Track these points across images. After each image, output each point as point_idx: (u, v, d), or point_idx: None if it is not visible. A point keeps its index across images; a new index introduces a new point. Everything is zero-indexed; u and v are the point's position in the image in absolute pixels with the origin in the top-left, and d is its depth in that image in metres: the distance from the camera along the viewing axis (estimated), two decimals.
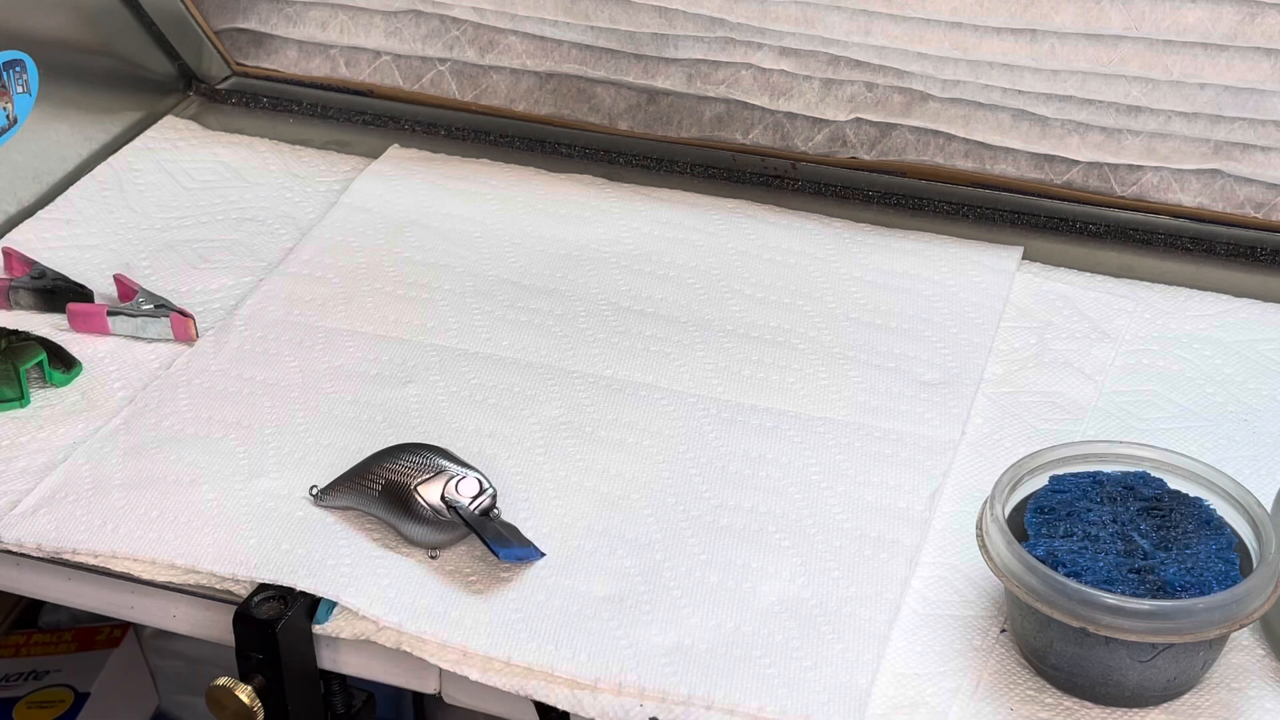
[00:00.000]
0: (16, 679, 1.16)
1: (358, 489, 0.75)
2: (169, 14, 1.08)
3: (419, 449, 0.76)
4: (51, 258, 0.94)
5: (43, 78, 0.97)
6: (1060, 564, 0.67)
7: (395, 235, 0.97)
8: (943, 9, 0.92)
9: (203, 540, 0.75)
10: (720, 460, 0.80)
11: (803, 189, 1.02)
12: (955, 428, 0.82)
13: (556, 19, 1.02)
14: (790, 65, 0.99)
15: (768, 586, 0.73)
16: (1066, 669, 0.67)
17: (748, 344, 0.88)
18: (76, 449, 0.81)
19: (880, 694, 0.68)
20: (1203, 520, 0.69)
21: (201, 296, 0.92)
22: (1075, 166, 0.98)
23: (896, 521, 0.76)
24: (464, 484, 0.74)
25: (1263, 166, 0.94)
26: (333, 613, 0.72)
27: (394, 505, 0.74)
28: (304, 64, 1.11)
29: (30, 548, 0.76)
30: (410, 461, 0.75)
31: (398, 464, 0.75)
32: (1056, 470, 0.72)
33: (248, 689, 0.71)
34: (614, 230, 0.97)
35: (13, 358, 0.84)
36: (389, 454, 0.76)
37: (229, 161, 1.05)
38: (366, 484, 0.75)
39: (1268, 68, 0.89)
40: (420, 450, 0.76)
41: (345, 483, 0.76)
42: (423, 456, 0.75)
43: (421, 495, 0.73)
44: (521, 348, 0.88)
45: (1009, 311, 0.90)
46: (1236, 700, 0.68)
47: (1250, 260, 0.95)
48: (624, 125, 1.05)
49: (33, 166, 1.00)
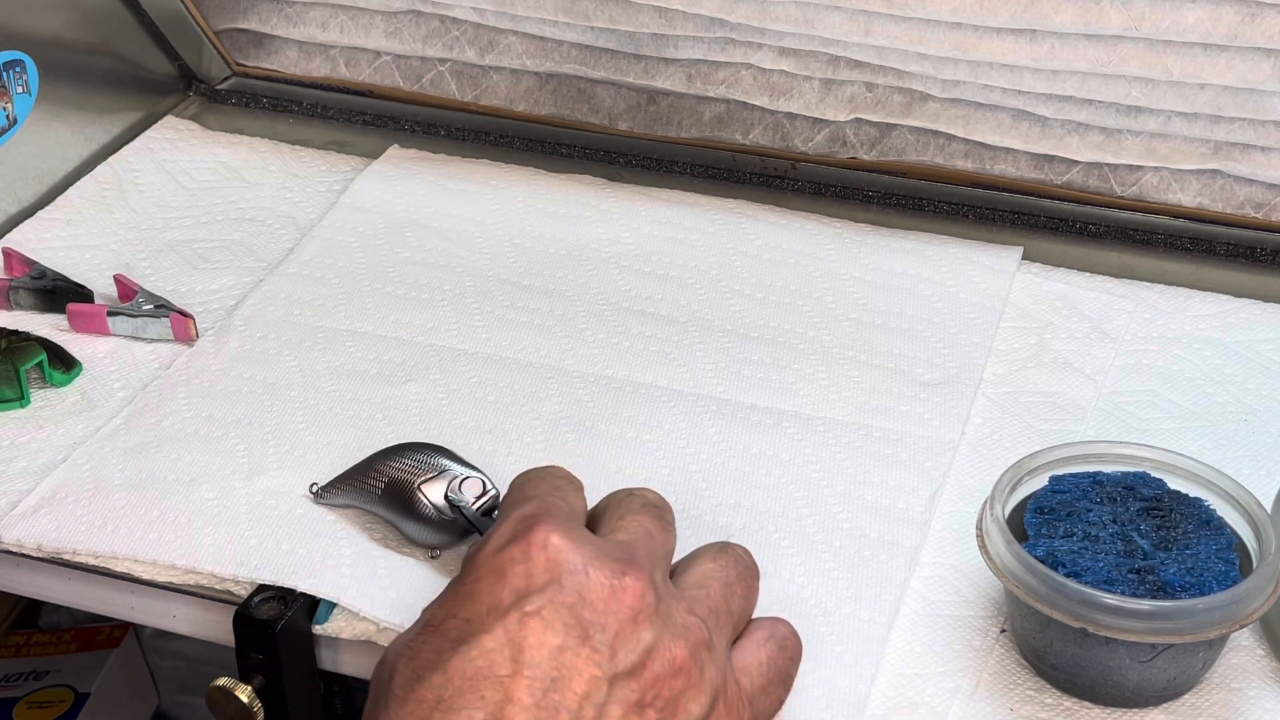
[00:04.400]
0: (16, 679, 1.16)
1: (359, 487, 0.75)
2: (169, 14, 1.08)
3: (422, 448, 0.75)
4: (51, 258, 0.94)
5: (43, 78, 0.97)
6: (1060, 564, 0.67)
7: (395, 235, 0.97)
8: (943, 9, 0.92)
9: (203, 540, 0.75)
10: (720, 457, 0.80)
11: (802, 189, 1.02)
12: (955, 428, 0.82)
13: (556, 19, 1.02)
14: (790, 65, 0.99)
15: (767, 586, 0.72)
16: (1066, 669, 0.67)
17: (748, 344, 0.88)
18: (76, 449, 0.81)
19: (879, 694, 0.68)
20: (1203, 520, 0.69)
21: (201, 296, 0.92)
22: (1075, 167, 0.98)
23: (896, 522, 0.76)
24: (467, 484, 0.73)
25: (1263, 166, 0.94)
26: (333, 613, 0.72)
27: (396, 504, 0.74)
28: (304, 64, 1.11)
29: (30, 548, 0.76)
30: (413, 460, 0.74)
31: (400, 463, 0.74)
32: (1056, 470, 0.72)
33: (248, 689, 0.71)
34: (614, 230, 0.97)
35: (13, 358, 0.84)
36: (391, 453, 0.75)
37: (229, 161, 1.05)
38: (368, 482, 0.75)
39: (1268, 68, 0.89)
40: (423, 449, 0.75)
41: (346, 481, 0.76)
42: (426, 456, 0.75)
43: (424, 494, 0.73)
44: (521, 348, 0.88)
45: (1009, 311, 0.90)
46: (1236, 700, 0.68)
47: (1250, 260, 0.95)
48: (624, 125, 1.05)
49: (33, 166, 1.00)
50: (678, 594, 0.62)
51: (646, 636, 0.59)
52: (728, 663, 0.62)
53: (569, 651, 0.57)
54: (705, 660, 0.60)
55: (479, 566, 0.60)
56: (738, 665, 0.63)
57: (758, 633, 0.65)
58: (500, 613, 0.58)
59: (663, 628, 0.59)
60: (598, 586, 0.59)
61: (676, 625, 0.60)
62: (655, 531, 0.65)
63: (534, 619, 0.57)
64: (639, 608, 0.59)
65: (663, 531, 0.65)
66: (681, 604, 0.61)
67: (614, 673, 0.58)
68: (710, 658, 0.60)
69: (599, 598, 0.59)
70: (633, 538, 0.63)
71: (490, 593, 0.59)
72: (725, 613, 0.63)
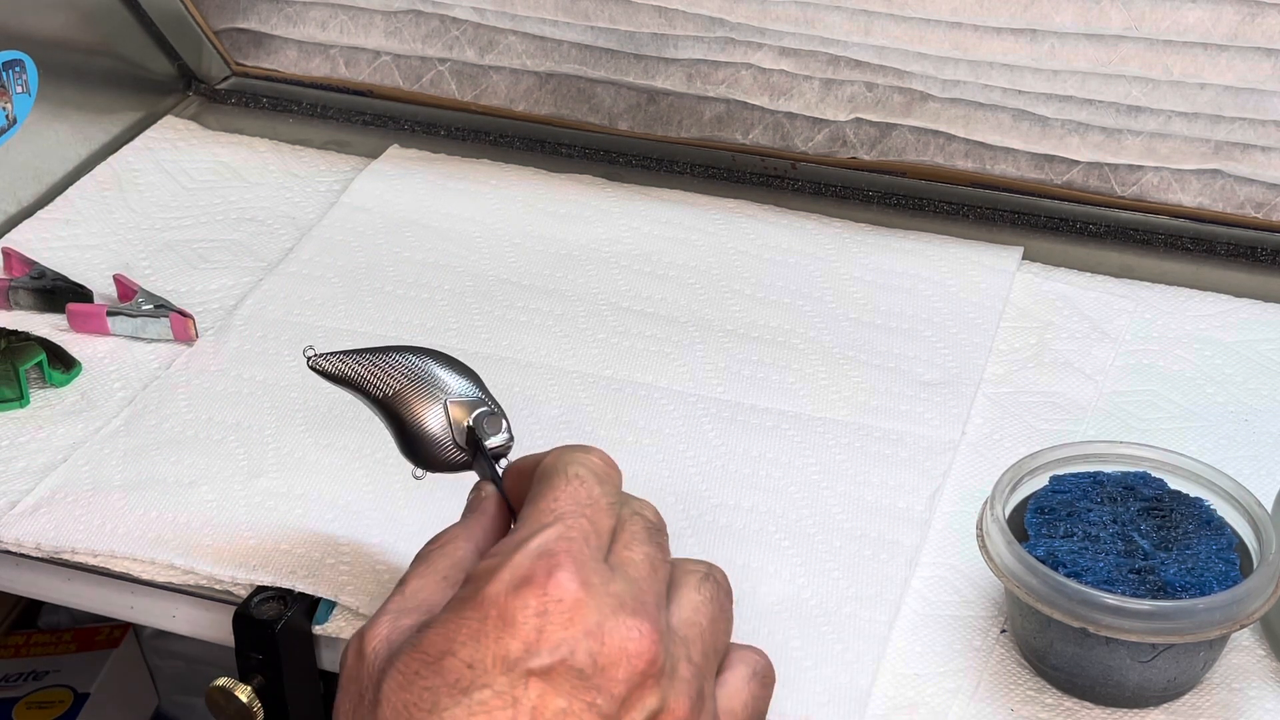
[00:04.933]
0: (16, 679, 1.16)
1: (368, 371, 0.66)
2: (169, 14, 1.08)
3: (453, 362, 0.67)
4: (51, 258, 0.94)
5: (43, 78, 0.97)
6: (1060, 564, 0.67)
7: (395, 235, 0.97)
8: (943, 9, 0.92)
9: (202, 540, 0.75)
10: (720, 459, 0.80)
11: (802, 189, 1.02)
12: (955, 428, 0.82)
13: (556, 19, 1.02)
14: (790, 65, 0.99)
15: (767, 587, 0.73)
16: (1066, 669, 0.67)
17: (748, 344, 0.88)
18: (76, 449, 0.81)
19: (880, 694, 0.68)
20: (1203, 520, 0.69)
21: (201, 296, 0.92)
22: (1075, 166, 0.98)
23: (897, 522, 0.76)
24: (492, 422, 0.66)
25: (1263, 166, 0.94)
26: (332, 613, 0.72)
27: (405, 411, 0.66)
28: (304, 64, 1.11)
29: (29, 548, 0.76)
30: (441, 372, 0.66)
31: (426, 367, 0.66)
32: (1057, 470, 0.72)
33: (247, 689, 0.71)
34: (614, 230, 0.97)
35: (12, 358, 0.84)
36: (418, 352, 0.67)
37: (229, 161, 1.05)
38: (382, 371, 0.66)
39: (1268, 68, 0.89)
40: (453, 364, 0.67)
41: (355, 358, 0.67)
42: (455, 374, 0.67)
43: (450, 414, 0.66)
44: (521, 348, 0.88)
45: (1009, 311, 0.90)
46: (1236, 700, 0.68)
47: (1250, 260, 0.95)
48: (624, 125, 1.05)
49: (33, 166, 1.00)
50: (678, 638, 0.61)
51: (653, 701, 0.57)
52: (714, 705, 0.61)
53: (573, 717, 0.56)
54: (700, 711, 0.59)
55: (489, 602, 0.57)
56: (723, 708, 0.62)
57: (740, 668, 0.63)
58: (506, 666, 0.55)
59: (669, 686, 0.58)
60: (611, 650, 0.57)
61: (681, 681, 0.59)
62: (659, 563, 0.63)
63: (540, 681, 0.55)
64: (649, 672, 0.57)
65: (664, 561, 0.64)
66: (681, 650, 0.60)
67: None
68: (704, 707, 0.60)
69: (611, 662, 0.57)
70: (641, 575, 0.62)
71: (498, 640, 0.56)
72: (714, 652, 0.62)
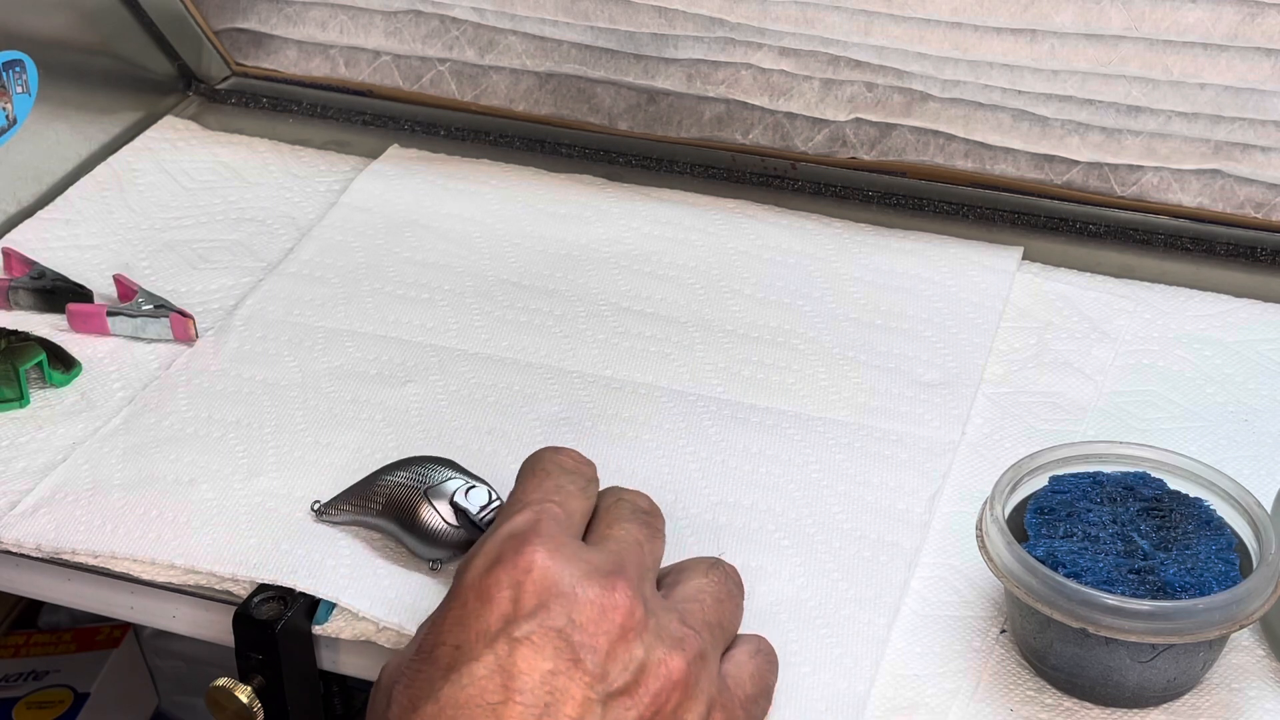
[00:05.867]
0: (16, 679, 1.16)
1: (360, 504, 0.74)
2: (169, 14, 1.08)
3: (422, 461, 0.75)
4: (51, 258, 0.94)
5: (43, 78, 0.97)
6: (1060, 564, 0.67)
7: (395, 235, 0.97)
8: (943, 9, 0.92)
9: (202, 540, 0.75)
10: (720, 456, 0.80)
11: (802, 189, 1.02)
12: (955, 428, 0.82)
13: (556, 19, 1.02)
14: (790, 65, 0.99)
15: (766, 587, 0.73)
16: (1066, 670, 0.67)
17: (748, 344, 0.88)
18: (76, 449, 0.81)
19: (879, 695, 0.68)
20: (1203, 520, 0.69)
21: (201, 296, 0.92)
22: (1075, 166, 0.98)
23: (896, 523, 0.76)
24: (473, 493, 0.73)
25: (1263, 166, 0.94)
26: (332, 613, 0.72)
27: (398, 517, 0.73)
28: (304, 64, 1.11)
29: (29, 548, 0.76)
30: (414, 472, 0.74)
31: (401, 476, 0.74)
32: (1056, 470, 0.72)
33: (247, 689, 0.71)
34: (614, 230, 0.97)
35: (12, 358, 0.84)
36: (392, 468, 0.75)
37: (229, 161, 1.05)
38: (369, 499, 0.74)
39: (1268, 68, 0.89)
40: (424, 462, 0.74)
41: (347, 499, 0.75)
42: (427, 468, 0.74)
43: (430, 504, 0.72)
44: (521, 348, 0.88)
45: (1009, 311, 0.90)
46: (1236, 700, 0.68)
47: (1250, 260, 0.95)
48: (624, 125, 1.05)
49: (33, 166, 1.00)
50: (670, 605, 0.62)
51: (639, 653, 0.59)
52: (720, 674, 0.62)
53: (561, 675, 0.57)
54: (701, 672, 0.60)
55: (466, 589, 0.60)
56: (730, 675, 0.63)
57: (745, 645, 0.65)
58: (489, 639, 0.58)
59: (655, 641, 0.59)
60: (586, 606, 0.59)
61: (671, 637, 0.60)
62: (644, 540, 0.64)
63: (523, 645, 0.57)
64: (629, 625, 0.59)
65: (651, 540, 0.65)
66: (674, 615, 0.61)
67: (607, 693, 0.57)
68: (705, 669, 0.60)
69: (588, 618, 0.58)
70: (621, 547, 0.63)
71: (478, 618, 0.58)
72: (718, 626, 0.63)
